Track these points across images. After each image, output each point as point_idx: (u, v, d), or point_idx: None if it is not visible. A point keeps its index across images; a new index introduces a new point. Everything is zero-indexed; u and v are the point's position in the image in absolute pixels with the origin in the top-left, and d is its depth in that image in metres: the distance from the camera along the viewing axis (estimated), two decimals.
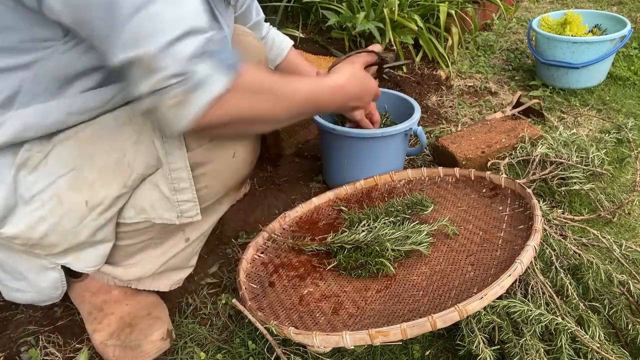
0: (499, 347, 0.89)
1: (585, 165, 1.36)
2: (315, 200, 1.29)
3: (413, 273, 1.01)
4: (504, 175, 1.24)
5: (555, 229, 1.11)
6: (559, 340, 0.87)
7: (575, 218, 1.23)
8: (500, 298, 0.88)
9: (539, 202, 1.10)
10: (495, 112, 1.75)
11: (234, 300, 1.00)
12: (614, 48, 1.80)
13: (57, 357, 0.99)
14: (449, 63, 2.05)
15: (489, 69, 2.11)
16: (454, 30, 2.07)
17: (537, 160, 1.36)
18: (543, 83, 1.96)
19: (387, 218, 1.11)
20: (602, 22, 1.98)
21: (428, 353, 0.97)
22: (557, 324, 0.87)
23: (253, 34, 1.08)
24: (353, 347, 0.84)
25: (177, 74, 0.69)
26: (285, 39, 1.31)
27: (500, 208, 1.14)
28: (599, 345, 0.87)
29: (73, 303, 1.06)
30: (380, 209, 1.16)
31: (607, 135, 1.56)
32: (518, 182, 1.15)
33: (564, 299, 0.96)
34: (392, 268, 1.01)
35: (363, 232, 1.06)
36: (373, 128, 1.31)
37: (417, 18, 1.89)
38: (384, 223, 1.08)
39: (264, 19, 1.27)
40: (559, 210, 1.22)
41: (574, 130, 1.53)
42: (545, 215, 1.13)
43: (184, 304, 1.10)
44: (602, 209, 1.29)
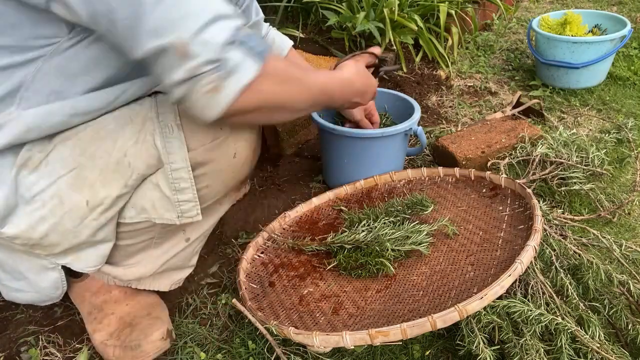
0: (499, 347, 0.89)
1: (585, 165, 1.36)
2: (315, 200, 1.29)
3: (413, 273, 1.01)
4: (504, 175, 1.24)
5: (555, 229, 1.11)
6: (559, 340, 0.87)
7: (575, 218, 1.23)
8: (500, 298, 0.88)
9: (539, 202, 1.10)
10: (495, 112, 1.75)
11: (234, 300, 1.00)
12: (614, 48, 1.80)
13: (57, 357, 0.99)
14: (449, 63, 2.05)
15: (489, 69, 2.11)
16: (454, 30, 2.06)
17: (537, 160, 1.36)
18: (543, 83, 1.96)
19: (387, 218, 1.11)
20: (602, 22, 1.98)
21: (428, 353, 0.97)
22: (557, 324, 0.87)
23: None
24: (353, 347, 0.85)
25: (212, 61, 0.70)
26: (285, 39, 1.31)
27: (500, 208, 1.14)
28: (599, 345, 0.87)
29: (73, 303, 1.06)
30: (380, 209, 1.16)
31: (607, 135, 1.56)
32: (518, 182, 1.15)
33: (564, 299, 0.96)
34: (392, 268, 1.01)
35: (363, 232, 1.06)
36: (373, 128, 1.31)
37: (417, 18, 1.89)
38: (384, 223, 1.08)
39: (264, 19, 1.27)
40: (559, 210, 1.22)
41: (574, 130, 1.53)
42: (545, 215, 1.13)
43: (184, 304, 1.10)
44: (602, 209, 1.29)
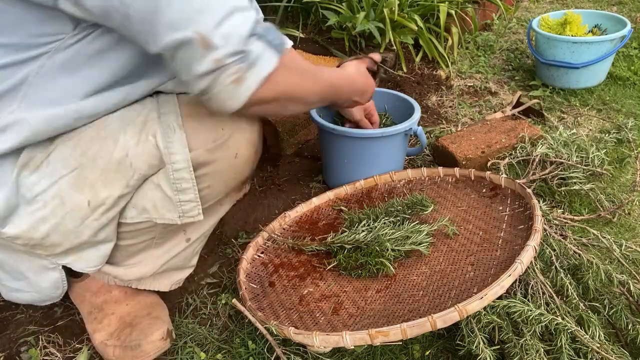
0: (499, 347, 0.89)
1: (585, 165, 1.36)
2: (315, 200, 1.29)
3: (413, 273, 1.01)
4: (504, 175, 1.24)
5: (555, 229, 1.11)
6: (559, 340, 0.87)
7: (575, 218, 1.23)
8: (500, 298, 0.88)
9: (539, 202, 1.10)
10: (495, 112, 1.75)
11: (234, 300, 1.00)
12: (614, 48, 1.80)
13: (57, 357, 0.99)
14: (449, 63, 2.05)
15: (489, 69, 2.11)
16: (454, 30, 2.06)
17: (537, 160, 1.36)
18: (543, 83, 1.96)
19: (387, 218, 1.11)
20: (602, 22, 1.98)
21: (428, 353, 0.97)
22: (557, 324, 0.87)
23: None
24: (353, 347, 0.85)
25: (236, 52, 0.72)
26: (285, 40, 1.31)
27: (500, 208, 1.14)
28: (599, 345, 0.87)
29: (73, 303, 1.06)
30: (380, 209, 1.16)
31: (607, 135, 1.56)
32: (518, 182, 1.15)
33: (564, 299, 0.96)
34: (392, 268, 1.01)
35: (363, 232, 1.06)
36: (372, 128, 1.31)
37: (417, 18, 1.89)
38: (384, 223, 1.08)
39: (264, 19, 1.27)
40: (559, 210, 1.22)
41: (574, 130, 1.53)
42: (545, 215, 1.13)
43: (184, 304, 1.10)
44: (602, 209, 1.29)
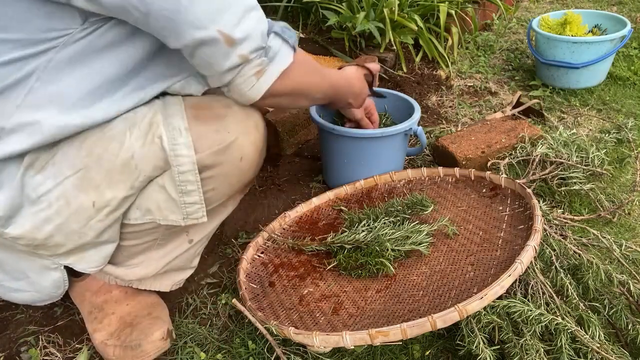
0: (499, 347, 0.89)
1: (585, 165, 1.36)
2: (315, 200, 1.29)
3: (413, 273, 1.01)
4: (504, 175, 1.24)
5: (555, 229, 1.11)
6: (559, 340, 0.87)
7: (575, 218, 1.23)
8: (500, 298, 0.88)
9: (539, 202, 1.10)
10: (495, 112, 1.75)
11: (234, 300, 1.00)
12: (614, 48, 1.80)
13: (57, 357, 0.99)
14: (449, 63, 2.05)
15: (489, 69, 2.11)
16: (454, 30, 2.06)
17: (537, 160, 1.36)
18: (543, 83, 1.96)
19: (387, 218, 1.11)
20: (602, 22, 1.98)
21: (428, 353, 0.97)
22: (557, 324, 0.87)
23: None
24: (353, 347, 0.85)
25: (259, 48, 0.80)
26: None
27: (500, 208, 1.14)
28: (599, 345, 0.87)
29: (73, 303, 1.06)
30: (380, 209, 1.16)
31: (607, 135, 1.56)
32: (518, 182, 1.15)
33: (564, 299, 0.97)
34: (392, 268, 1.01)
35: (363, 232, 1.06)
36: (373, 128, 1.31)
37: (417, 18, 1.89)
38: (384, 223, 1.08)
39: None
40: (559, 210, 1.22)
41: (574, 130, 1.53)
42: (545, 215, 1.13)
43: (184, 304, 1.10)
44: (602, 209, 1.29)
